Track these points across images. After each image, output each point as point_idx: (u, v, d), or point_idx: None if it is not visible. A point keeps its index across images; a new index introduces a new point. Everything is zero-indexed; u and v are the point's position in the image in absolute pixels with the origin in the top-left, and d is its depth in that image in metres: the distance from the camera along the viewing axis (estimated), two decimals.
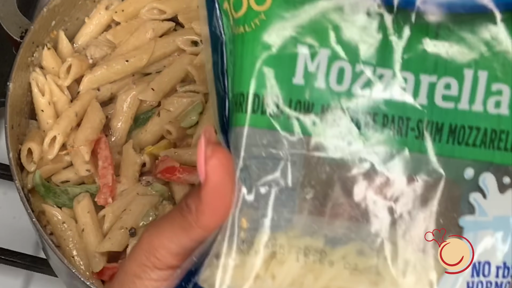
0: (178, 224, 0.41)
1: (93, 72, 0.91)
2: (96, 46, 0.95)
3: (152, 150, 0.90)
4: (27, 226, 0.91)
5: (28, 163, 0.86)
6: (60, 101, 0.90)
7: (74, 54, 0.94)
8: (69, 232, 0.84)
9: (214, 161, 0.40)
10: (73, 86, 0.92)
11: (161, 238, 0.42)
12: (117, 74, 0.92)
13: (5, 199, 0.99)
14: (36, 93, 0.89)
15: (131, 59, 0.92)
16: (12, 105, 0.85)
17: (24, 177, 0.86)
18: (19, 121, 0.88)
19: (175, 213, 0.42)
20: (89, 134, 0.87)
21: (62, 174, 0.88)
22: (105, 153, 0.87)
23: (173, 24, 0.98)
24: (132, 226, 0.84)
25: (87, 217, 0.84)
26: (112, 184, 0.86)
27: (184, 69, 0.93)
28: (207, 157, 0.40)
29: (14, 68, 0.86)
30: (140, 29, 0.95)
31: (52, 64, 0.92)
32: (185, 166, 0.89)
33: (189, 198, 0.41)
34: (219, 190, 0.40)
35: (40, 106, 0.89)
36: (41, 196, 0.86)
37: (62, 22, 0.94)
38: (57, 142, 0.86)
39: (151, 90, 0.91)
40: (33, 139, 0.87)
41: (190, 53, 0.95)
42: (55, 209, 0.85)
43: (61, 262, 0.79)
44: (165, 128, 0.91)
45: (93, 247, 0.83)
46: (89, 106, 0.90)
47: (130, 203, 0.86)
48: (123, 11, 0.97)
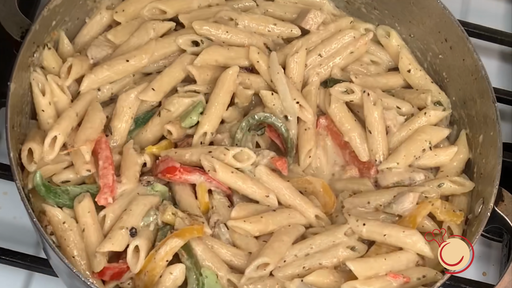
0: None
1: (93, 72, 0.91)
2: (97, 46, 0.95)
3: (152, 150, 0.91)
4: (28, 226, 0.91)
5: (29, 163, 0.86)
6: (60, 101, 0.90)
7: (74, 54, 0.94)
8: (70, 232, 0.84)
9: None
10: (73, 86, 0.92)
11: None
12: (117, 74, 0.92)
13: (6, 199, 0.99)
14: (37, 93, 0.89)
15: (132, 59, 0.92)
16: (12, 105, 0.85)
17: (24, 177, 0.86)
18: (19, 121, 0.88)
19: None
20: (89, 134, 0.86)
21: (62, 174, 0.88)
22: (105, 153, 0.87)
23: (174, 24, 0.98)
24: (132, 226, 0.84)
25: (87, 217, 0.84)
26: (113, 184, 0.86)
27: (185, 69, 0.93)
28: None
29: (15, 68, 0.86)
30: (140, 29, 0.95)
31: (52, 64, 0.92)
32: (185, 166, 0.89)
33: None
34: None
35: (41, 106, 0.89)
36: (41, 196, 0.85)
37: (62, 22, 0.94)
38: (58, 142, 0.86)
39: (151, 90, 0.91)
40: (33, 139, 0.87)
41: (190, 53, 0.95)
42: (55, 209, 0.85)
43: (61, 262, 0.79)
44: (166, 128, 0.91)
45: (94, 247, 0.83)
46: (90, 106, 0.90)
47: (130, 203, 0.86)
48: (123, 11, 0.97)
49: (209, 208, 0.89)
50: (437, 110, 0.96)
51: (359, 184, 0.93)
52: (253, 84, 0.95)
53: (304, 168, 0.93)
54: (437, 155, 0.94)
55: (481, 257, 0.99)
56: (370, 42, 1.01)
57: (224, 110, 0.93)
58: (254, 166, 0.90)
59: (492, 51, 1.16)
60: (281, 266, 0.85)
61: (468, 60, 0.95)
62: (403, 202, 0.88)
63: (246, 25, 0.98)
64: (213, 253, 0.85)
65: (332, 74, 0.98)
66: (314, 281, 0.84)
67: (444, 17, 0.97)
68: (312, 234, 0.88)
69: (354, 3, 1.05)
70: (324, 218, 0.89)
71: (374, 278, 0.83)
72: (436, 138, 0.95)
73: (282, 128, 0.93)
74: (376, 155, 0.93)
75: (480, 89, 0.94)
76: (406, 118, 0.96)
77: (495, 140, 0.90)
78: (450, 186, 0.92)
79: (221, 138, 0.92)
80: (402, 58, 1.00)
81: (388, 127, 0.95)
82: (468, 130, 0.96)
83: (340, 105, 0.95)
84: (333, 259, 0.86)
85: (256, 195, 0.88)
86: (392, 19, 1.03)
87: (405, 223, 0.88)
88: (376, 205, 0.90)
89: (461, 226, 0.90)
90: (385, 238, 0.86)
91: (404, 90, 1.00)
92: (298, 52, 0.96)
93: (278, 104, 0.93)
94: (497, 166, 0.88)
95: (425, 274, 0.85)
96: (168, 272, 0.83)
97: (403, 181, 0.92)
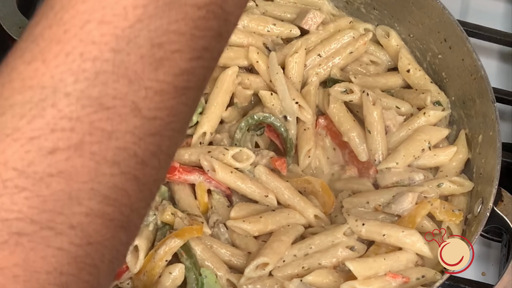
0: None
1: None
2: None
3: None
4: None
5: None
6: None
7: None
8: None
9: None
10: None
11: None
12: None
13: None
14: None
15: None
16: None
17: None
18: None
19: None
20: None
21: None
22: None
23: None
24: None
25: None
26: None
27: None
28: None
29: None
30: None
31: None
32: (185, 166, 0.89)
33: None
34: None
35: None
36: None
37: None
38: None
39: None
40: None
41: None
42: None
43: None
44: None
45: None
46: None
47: None
48: None
49: (209, 208, 0.89)
50: (437, 110, 0.96)
51: (358, 184, 0.93)
52: (253, 84, 0.95)
53: (304, 168, 0.93)
54: (436, 155, 0.94)
55: (480, 257, 0.99)
56: (369, 42, 1.01)
57: (223, 110, 0.93)
58: (253, 166, 0.90)
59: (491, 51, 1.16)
60: (280, 266, 0.85)
61: (468, 60, 0.95)
62: (402, 202, 0.88)
63: (245, 25, 0.98)
64: (213, 253, 0.85)
65: (331, 74, 0.98)
66: (313, 281, 0.83)
67: (443, 17, 0.97)
68: (311, 234, 0.88)
69: (354, 3, 1.05)
70: (323, 218, 0.89)
71: (373, 278, 0.83)
72: (435, 138, 0.95)
73: (281, 128, 0.93)
74: (376, 155, 0.93)
75: (479, 89, 0.94)
76: (406, 118, 0.96)
77: (495, 140, 0.90)
78: (449, 186, 0.92)
79: (220, 138, 0.92)
80: (402, 58, 1.00)
81: (388, 127, 0.95)
82: (467, 130, 0.96)
83: (339, 105, 0.95)
84: (332, 259, 0.85)
85: (255, 195, 0.88)
86: (392, 19, 1.03)
87: (405, 223, 0.88)
88: (376, 205, 0.90)
89: (461, 226, 0.90)
90: (384, 238, 0.86)
91: (403, 90, 1.00)
92: (297, 52, 0.96)
93: (277, 104, 0.93)
94: (496, 166, 0.88)
95: (424, 274, 0.85)
96: (168, 272, 0.83)
97: (402, 181, 0.92)
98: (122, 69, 0.37)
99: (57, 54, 0.37)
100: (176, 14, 0.38)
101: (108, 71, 0.37)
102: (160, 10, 0.38)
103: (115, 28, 0.37)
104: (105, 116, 0.37)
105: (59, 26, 0.38)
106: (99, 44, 0.37)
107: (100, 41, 0.37)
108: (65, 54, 0.37)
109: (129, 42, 0.37)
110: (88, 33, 0.37)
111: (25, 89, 0.37)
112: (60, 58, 0.37)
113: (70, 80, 0.37)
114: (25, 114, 0.37)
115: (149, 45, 0.38)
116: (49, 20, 0.38)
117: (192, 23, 0.38)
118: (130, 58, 0.37)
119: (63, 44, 0.37)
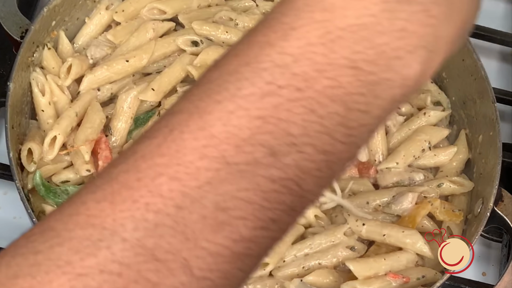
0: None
1: (93, 72, 0.91)
2: (97, 46, 0.95)
3: None
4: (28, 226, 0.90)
5: (29, 163, 0.86)
6: (60, 101, 0.90)
7: (74, 54, 0.94)
8: None
9: None
10: (73, 86, 0.92)
11: None
12: (117, 74, 0.92)
13: (6, 199, 0.99)
14: (37, 93, 0.89)
15: (131, 59, 0.92)
16: (12, 105, 0.85)
17: (24, 177, 0.86)
18: (19, 121, 0.88)
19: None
20: (89, 134, 0.86)
21: (62, 174, 0.88)
22: (105, 153, 0.87)
23: (173, 24, 0.98)
24: None
25: None
26: None
27: (184, 69, 0.93)
28: None
29: (15, 68, 0.86)
30: (140, 29, 0.95)
31: (52, 64, 0.92)
32: None
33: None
34: None
35: (41, 106, 0.89)
36: (41, 196, 0.85)
37: (62, 22, 0.94)
38: (57, 142, 0.86)
39: (151, 90, 0.91)
40: (33, 139, 0.87)
41: (190, 53, 0.95)
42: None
43: None
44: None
45: None
46: (89, 106, 0.90)
47: None
48: (123, 11, 0.97)
49: None
50: (437, 110, 0.96)
51: (358, 184, 0.93)
52: None
53: None
54: (437, 155, 0.94)
55: (480, 257, 0.99)
56: None
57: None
58: None
59: (491, 51, 1.16)
60: (281, 266, 0.85)
61: (468, 60, 0.95)
62: (402, 202, 0.88)
63: (246, 25, 0.98)
64: None
65: None
66: (313, 281, 0.84)
67: None
68: (311, 234, 0.88)
69: None
70: (323, 218, 0.89)
71: (374, 278, 0.83)
72: (435, 138, 0.95)
73: None
74: (376, 155, 0.93)
75: (479, 89, 0.94)
76: (406, 118, 0.96)
77: (495, 140, 0.90)
78: (449, 186, 0.92)
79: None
80: None
81: (388, 127, 0.95)
82: (467, 130, 0.96)
83: None
84: (332, 259, 0.86)
85: None
86: None
87: (405, 223, 0.88)
88: (376, 205, 0.90)
89: (461, 226, 0.90)
90: (384, 238, 0.86)
91: None
92: None
93: None
94: (497, 166, 0.88)
95: (425, 274, 0.85)
96: None
97: (402, 181, 0.92)
98: (181, 225, 0.37)
99: (125, 199, 0.38)
100: (247, 183, 0.38)
101: (167, 225, 0.37)
102: (231, 176, 0.38)
103: (184, 186, 0.38)
104: (154, 267, 0.37)
105: (135, 173, 0.38)
106: (166, 198, 0.38)
107: (167, 196, 0.38)
108: (132, 201, 0.38)
109: (194, 202, 0.38)
110: (158, 186, 0.38)
111: (87, 226, 0.38)
112: (126, 204, 0.38)
113: (130, 226, 0.37)
114: (80, 250, 0.37)
115: (213, 207, 0.38)
116: (128, 165, 0.39)
117: (263, 194, 0.38)
118: (191, 216, 0.38)
119: (133, 191, 0.38)
